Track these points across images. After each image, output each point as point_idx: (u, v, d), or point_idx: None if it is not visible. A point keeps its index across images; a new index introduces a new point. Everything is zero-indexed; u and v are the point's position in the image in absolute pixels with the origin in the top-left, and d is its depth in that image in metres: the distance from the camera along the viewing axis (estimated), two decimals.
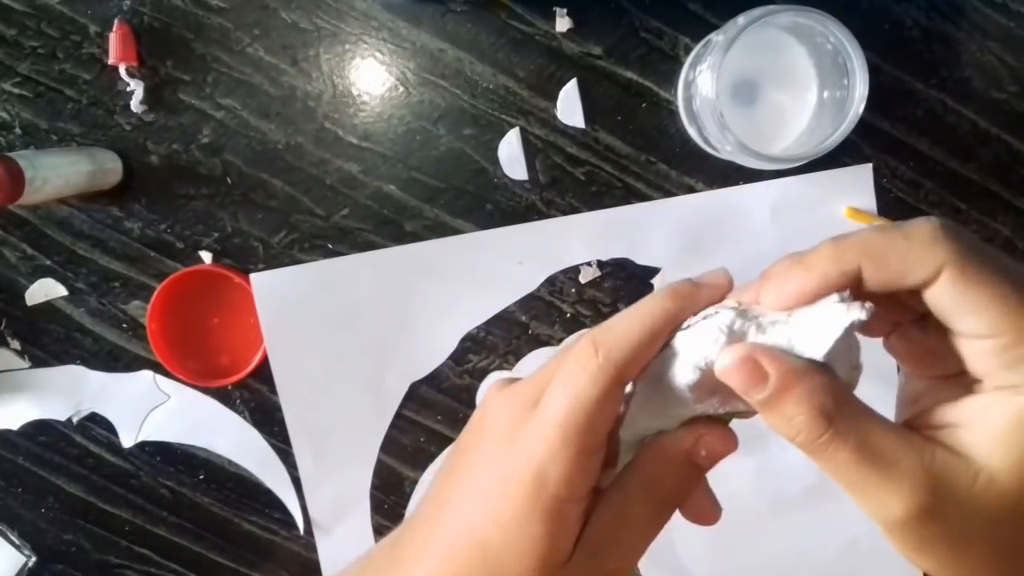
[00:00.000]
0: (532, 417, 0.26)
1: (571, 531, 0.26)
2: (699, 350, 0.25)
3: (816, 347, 0.24)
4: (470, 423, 0.29)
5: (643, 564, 0.33)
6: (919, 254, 0.23)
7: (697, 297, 0.26)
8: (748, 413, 0.26)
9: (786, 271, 0.25)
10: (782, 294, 0.25)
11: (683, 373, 0.25)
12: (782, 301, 0.25)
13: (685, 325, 0.26)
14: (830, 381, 0.24)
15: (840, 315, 0.23)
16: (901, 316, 0.27)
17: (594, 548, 0.26)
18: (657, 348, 0.26)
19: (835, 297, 0.24)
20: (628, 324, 0.26)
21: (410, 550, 0.28)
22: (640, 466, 0.27)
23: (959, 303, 0.23)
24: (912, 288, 0.24)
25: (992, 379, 0.23)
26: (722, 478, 0.30)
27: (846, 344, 0.24)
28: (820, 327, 0.24)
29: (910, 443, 0.23)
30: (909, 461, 0.23)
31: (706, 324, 0.25)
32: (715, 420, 0.27)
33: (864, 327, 0.24)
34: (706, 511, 0.29)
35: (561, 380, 0.26)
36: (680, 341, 0.26)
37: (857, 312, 0.23)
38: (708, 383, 0.25)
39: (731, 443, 0.26)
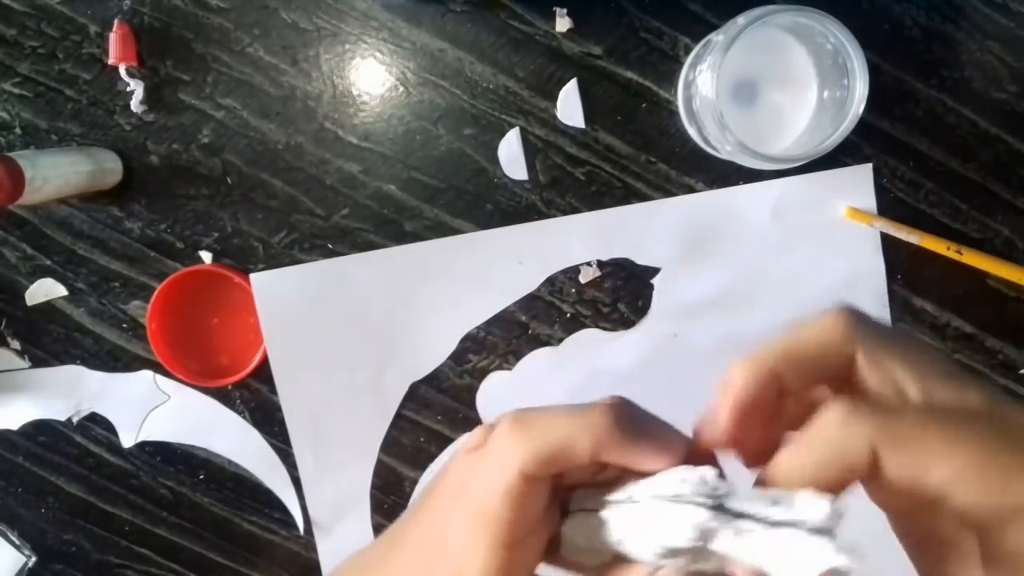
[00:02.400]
0: (459, 499, 0.25)
1: None
2: (665, 535, 0.23)
3: None
4: (436, 481, 0.28)
5: None
6: (831, 340, 0.23)
7: (631, 447, 0.23)
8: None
9: (714, 409, 0.24)
10: (721, 420, 0.23)
11: (645, 544, 0.23)
12: (724, 432, 0.23)
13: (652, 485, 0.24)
14: None
15: (821, 554, 0.21)
16: None
17: None
18: (575, 459, 0.24)
19: (822, 504, 0.21)
20: (550, 426, 0.24)
21: None
22: None
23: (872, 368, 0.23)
24: (833, 372, 0.23)
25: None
26: None
27: None
28: (799, 558, 0.21)
29: None
30: None
31: (676, 508, 0.23)
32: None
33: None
34: None
35: (480, 465, 0.25)
36: (642, 496, 0.24)
37: (840, 559, 0.21)
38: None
39: None
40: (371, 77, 0.53)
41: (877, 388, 0.23)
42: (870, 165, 0.53)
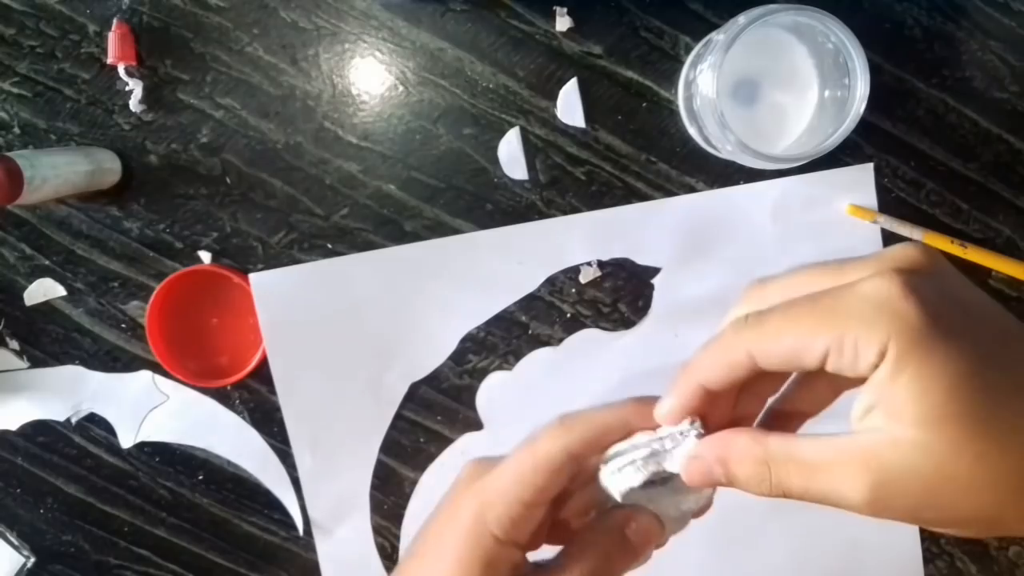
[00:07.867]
0: (490, 471, 0.31)
1: (502, 570, 0.30)
2: (623, 481, 0.31)
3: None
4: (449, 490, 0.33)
5: (643, 568, 0.33)
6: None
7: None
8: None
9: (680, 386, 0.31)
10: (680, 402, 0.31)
11: (614, 488, 0.31)
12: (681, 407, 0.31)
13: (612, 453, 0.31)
14: (749, 436, 0.28)
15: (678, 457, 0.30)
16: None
17: None
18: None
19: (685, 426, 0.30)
20: (592, 417, 0.31)
21: None
22: (588, 530, 0.32)
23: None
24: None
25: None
26: None
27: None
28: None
29: (836, 443, 0.26)
30: (843, 455, 0.25)
31: (623, 461, 0.31)
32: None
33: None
34: None
35: (524, 446, 0.31)
36: (607, 471, 0.31)
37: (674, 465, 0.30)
38: (637, 499, 0.31)
39: (657, 530, 0.31)
40: (371, 76, 0.53)
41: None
42: (871, 165, 0.53)
